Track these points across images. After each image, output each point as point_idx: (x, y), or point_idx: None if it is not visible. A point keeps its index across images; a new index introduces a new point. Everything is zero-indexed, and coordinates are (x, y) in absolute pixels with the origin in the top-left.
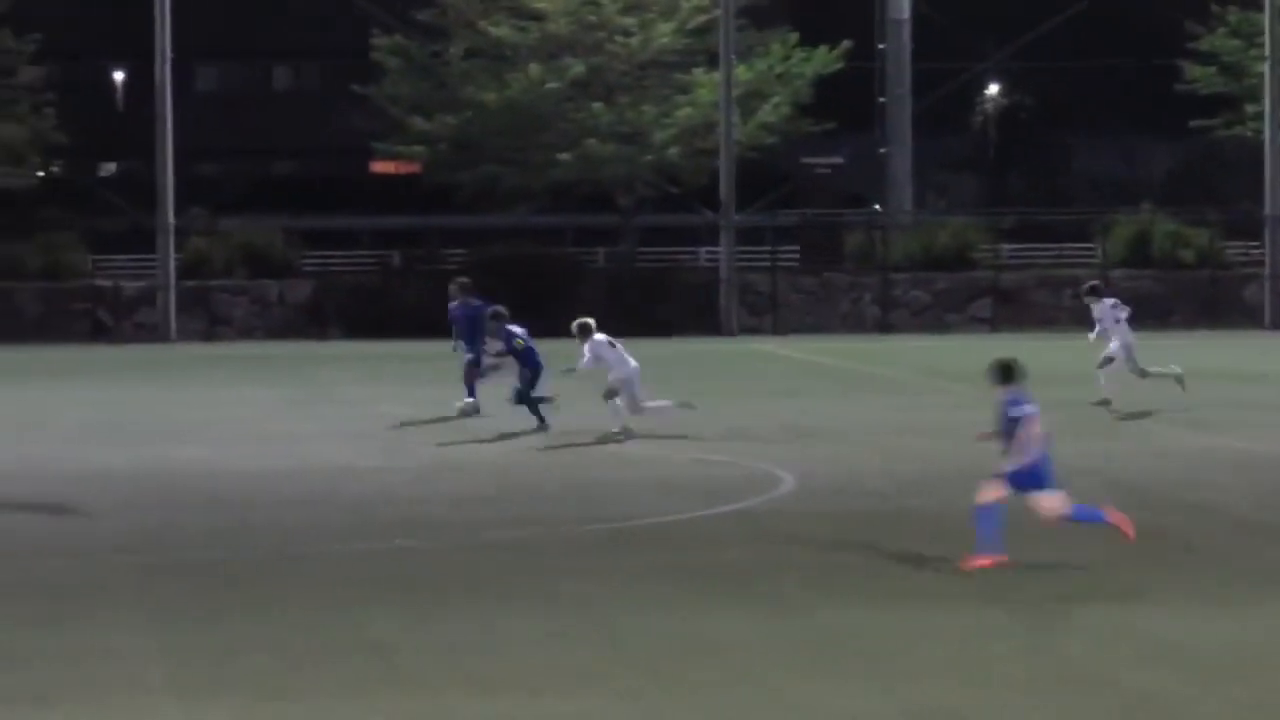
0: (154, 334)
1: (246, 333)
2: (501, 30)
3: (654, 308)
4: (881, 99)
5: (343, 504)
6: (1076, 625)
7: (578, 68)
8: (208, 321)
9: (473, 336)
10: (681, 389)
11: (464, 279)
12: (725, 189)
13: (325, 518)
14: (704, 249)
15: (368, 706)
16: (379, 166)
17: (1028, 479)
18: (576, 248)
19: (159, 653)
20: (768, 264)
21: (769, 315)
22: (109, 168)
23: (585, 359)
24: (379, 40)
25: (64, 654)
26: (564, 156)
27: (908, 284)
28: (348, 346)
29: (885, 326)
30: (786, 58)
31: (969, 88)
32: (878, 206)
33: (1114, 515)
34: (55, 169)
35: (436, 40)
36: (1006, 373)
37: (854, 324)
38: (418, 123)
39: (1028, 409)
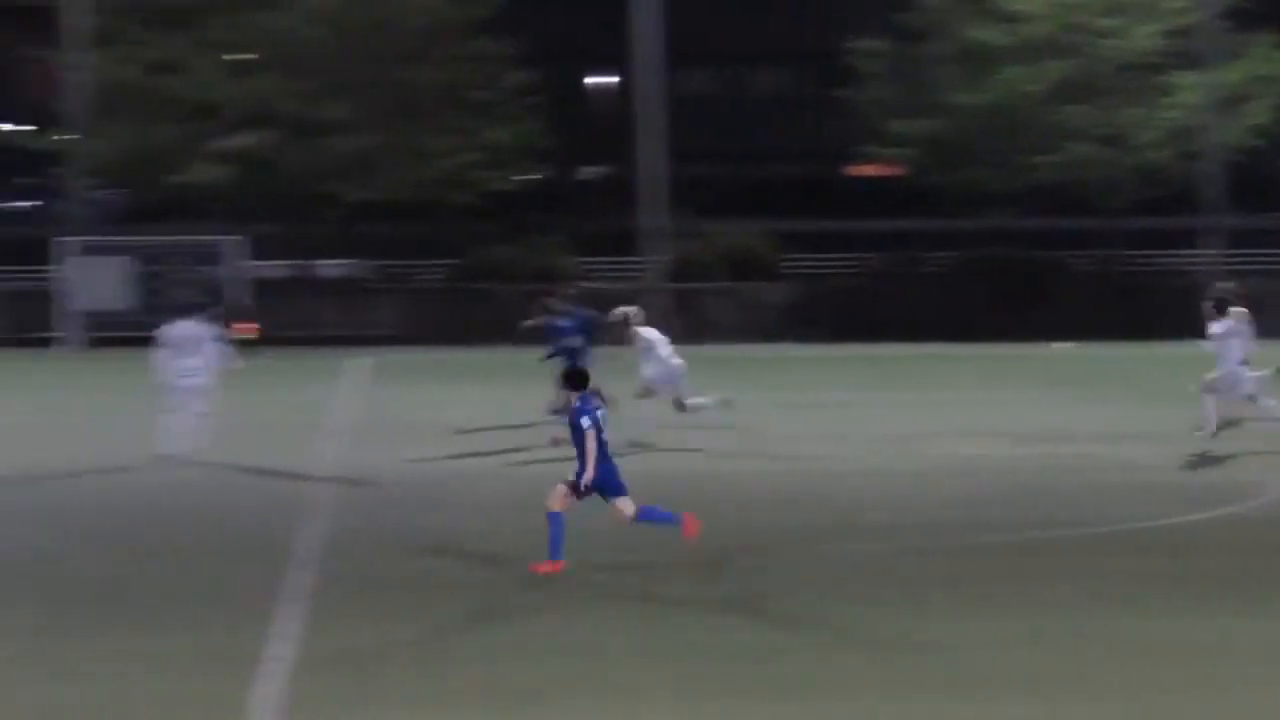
0: None
1: (730, 334)
2: (983, 33)
3: (1137, 311)
4: None
5: (838, 506)
6: None
7: (1060, 70)
8: (693, 323)
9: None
10: (1165, 392)
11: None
12: (1210, 192)
13: (817, 518)
14: (1191, 253)
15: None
16: (859, 169)
17: (596, 485)
18: (1057, 250)
19: (654, 653)
20: (1258, 267)
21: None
22: (593, 171)
23: (663, 354)
24: (858, 44)
25: (559, 649)
26: (1045, 159)
27: None
28: (832, 349)
29: None
30: (1270, 59)
31: None
32: None
33: (686, 520)
34: (545, 172)
35: (914, 43)
36: (574, 380)
37: None
38: (897, 126)
39: (584, 421)
